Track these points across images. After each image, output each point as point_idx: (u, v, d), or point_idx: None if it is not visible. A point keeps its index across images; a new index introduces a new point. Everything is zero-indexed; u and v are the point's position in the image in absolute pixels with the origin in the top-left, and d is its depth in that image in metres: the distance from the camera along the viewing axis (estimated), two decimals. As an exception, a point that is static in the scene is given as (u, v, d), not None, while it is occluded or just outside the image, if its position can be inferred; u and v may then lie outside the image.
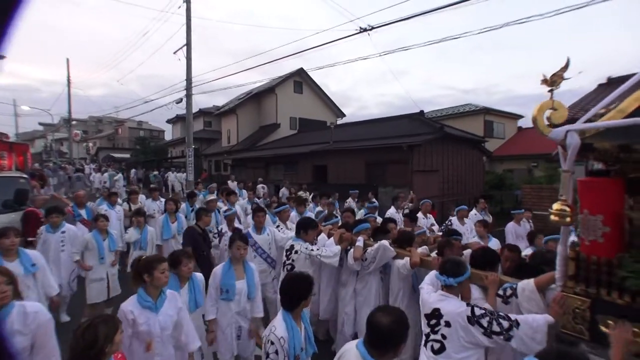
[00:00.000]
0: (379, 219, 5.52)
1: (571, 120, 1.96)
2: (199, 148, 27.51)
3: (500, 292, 2.38)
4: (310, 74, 25.43)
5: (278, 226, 4.81)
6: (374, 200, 8.43)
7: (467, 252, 3.32)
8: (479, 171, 16.69)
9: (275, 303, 3.59)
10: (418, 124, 14.95)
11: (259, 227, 4.42)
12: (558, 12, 8.77)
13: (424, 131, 13.72)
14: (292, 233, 4.13)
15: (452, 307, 2.14)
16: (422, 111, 16.59)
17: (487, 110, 21.97)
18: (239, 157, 22.69)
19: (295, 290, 2.25)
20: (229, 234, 4.55)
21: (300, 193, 9.61)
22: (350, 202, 8.83)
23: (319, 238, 4.01)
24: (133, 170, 24.72)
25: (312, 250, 3.58)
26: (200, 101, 43.37)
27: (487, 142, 18.40)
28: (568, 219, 1.90)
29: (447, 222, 6.02)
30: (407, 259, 3.14)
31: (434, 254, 3.23)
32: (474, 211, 6.90)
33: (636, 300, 1.74)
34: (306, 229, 3.72)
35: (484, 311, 2.07)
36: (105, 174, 18.59)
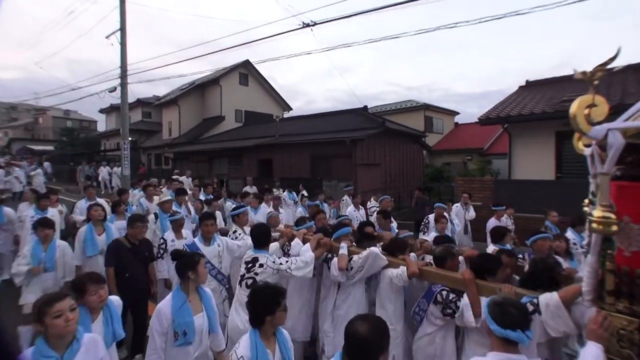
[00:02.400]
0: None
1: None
2: (136, 140, 25.09)
3: None
4: (257, 66, 24.50)
5: (235, 231, 4.03)
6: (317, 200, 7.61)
7: (461, 258, 3.08)
8: (419, 164, 17.38)
9: (226, 329, 2.96)
10: (362, 119, 15.10)
11: (208, 238, 3.60)
12: (481, 20, 9.47)
13: (368, 126, 13.96)
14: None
15: None
16: (365, 106, 16.76)
17: (427, 107, 23.06)
18: (181, 150, 21.03)
19: (258, 304, 1.90)
20: (177, 245, 3.79)
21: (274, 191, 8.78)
22: (347, 201, 7.97)
23: (292, 244, 3.45)
24: (46, 164, 21.71)
25: (281, 264, 2.98)
26: (139, 90, 39.52)
27: (427, 137, 19.18)
28: (614, 227, 1.65)
29: (424, 221, 5.77)
30: (402, 268, 2.73)
31: (427, 260, 2.94)
32: (457, 206, 6.78)
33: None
34: (266, 239, 3.15)
35: None
36: (19, 171, 14.54)
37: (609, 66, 1.70)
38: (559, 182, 9.15)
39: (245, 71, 23.99)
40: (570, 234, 4.45)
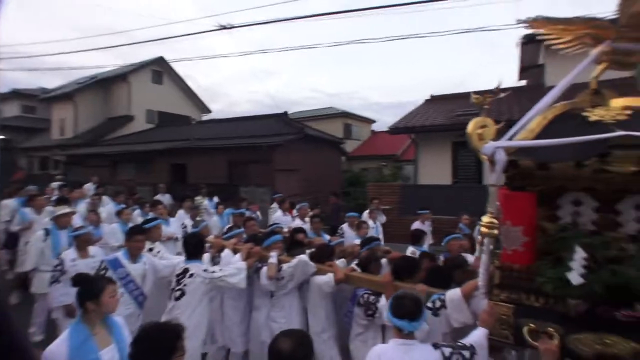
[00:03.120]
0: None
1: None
2: (11, 139, 21.33)
3: (430, 304, 2.34)
4: (174, 64, 22.85)
5: (151, 249, 3.60)
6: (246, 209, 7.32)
7: (384, 261, 3.30)
8: (337, 170, 18.16)
9: None
10: (282, 124, 15.15)
11: (135, 255, 3.25)
12: (389, 38, 10.80)
13: (287, 131, 14.10)
14: (178, 258, 3.32)
15: (424, 355, 1.88)
16: (285, 112, 16.81)
17: (346, 115, 24.21)
18: (76, 153, 18.49)
19: (149, 348, 1.62)
20: (80, 266, 3.32)
21: (198, 199, 8.10)
22: (275, 208, 7.69)
23: (222, 255, 3.35)
24: None
25: (213, 272, 2.91)
26: (19, 79, 33.54)
27: (345, 143, 20.12)
28: (496, 231, 1.98)
29: (339, 230, 5.93)
30: (330, 275, 2.83)
31: (353, 265, 3.09)
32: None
33: (550, 302, 1.91)
34: (199, 249, 3.07)
35: (450, 349, 1.90)
36: None
37: (502, 88, 2.03)
38: (455, 187, 10.39)
39: (159, 68, 22.17)
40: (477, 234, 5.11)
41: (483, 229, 1.96)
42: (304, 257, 2.97)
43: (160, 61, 21.72)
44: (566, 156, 1.80)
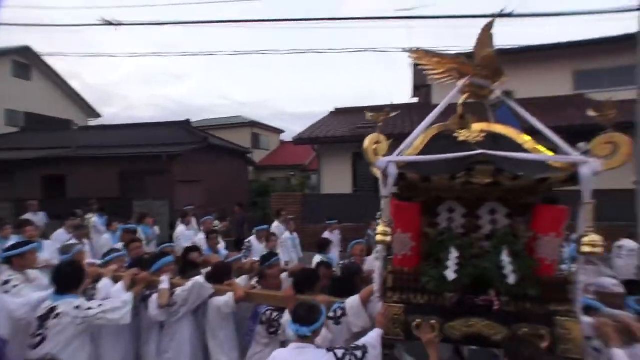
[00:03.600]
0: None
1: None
2: None
3: (331, 314, 2.43)
4: (49, 58, 19.50)
5: (6, 282, 2.81)
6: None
7: (284, 276, 3.32)
8: (245, 180, 17.86)
9: None
10: (184, 133, 14.31)
11: None
12: (290, 51, 11.40)
13: (189, 140, 13.42)
14: (40, 293, 2.66)
15: (317, 356, 1.98)
16: (188, 120, 15.78)
17: (254, 124, 24.03)
18: None
19: None
20: None
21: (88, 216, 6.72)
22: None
23: (99, 286, 2.83)
24: None
25: (89, 309, 2.42)
26: None
27: (253, 153, 19.93)
28: (389, 238, 2.21)
29: (246, 241, 5.83)
30: (229, 294, 2.70)
31: (254, 282, 3.05)
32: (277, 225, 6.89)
33: (432, 298, 2.21)
34: (73, 280, 2.55)
35: (343, 350, 2.01)
36: None
37: (395, 105, 2.29)
38: (355, 196, 11.08)
39: (25, 60, 18.64)
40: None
41: (378, 237, 2.16)
42: (199, 279, 2.77)
43: (26, 51, 18.10)
44: (442, 170, 2.12)
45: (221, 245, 5.14)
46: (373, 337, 2.12)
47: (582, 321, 2.02)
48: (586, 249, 1.93)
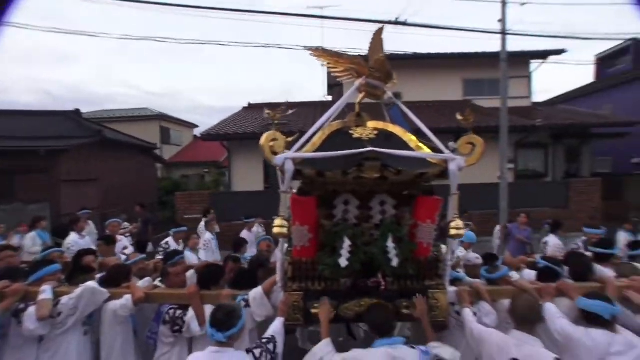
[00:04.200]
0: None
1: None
2: None
3: None
4: None
5: None
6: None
7: (190, 273, 3.22)
8: (152, 178, 16.58)
9: None
10: (72, 125, 12.54)
11: None
12: (188, 41, 10.77)
13: (80, 134, 11.85)
14: None
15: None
16: (77, 110, 13.79)
17: (163, 117, 22.23)
18: None
19: None
20: None
21: None
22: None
23: None
24: None
25: None
26: None
27: (161, 149, 18.59)
28: (286, 231, 2.31)
29: (163, 243, 5.37)
30: (127, 297, 2.53)
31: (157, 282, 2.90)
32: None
33: (329, 284, 2.39)
34: None
35: (259, 349, 2.04)
36: None
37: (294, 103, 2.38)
38: (266, 193, 10.95)
39: None
40: None
41: (276, 230, 2.25)
42: (90, 284, 2.52)
43: None
44: (335, 166, 2.29)
45: (128, 249, 4.77)
46: (277, 326, 2.23)
47: (448, 291, 2.40)
48: (453, 232, 2.29)
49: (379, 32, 2.60)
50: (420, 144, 2.49)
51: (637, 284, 2.52)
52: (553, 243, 5.14)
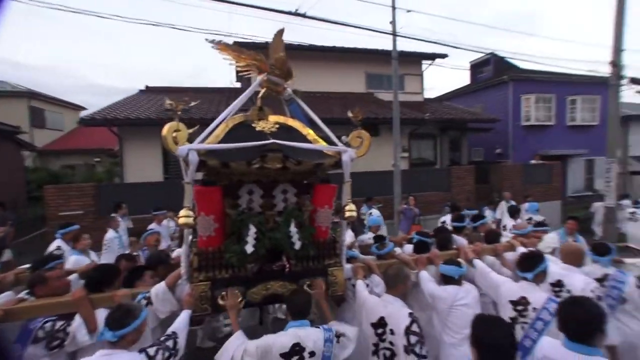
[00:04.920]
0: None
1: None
2: None
3: None
4: None
5: None
6: None
7: (74, 278, 2.98)
8: (16, 169, 14.14)
9: None
10: None
11: None
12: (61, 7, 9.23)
13: None
14: None
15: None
16: None
17: (33, 95, 18.70)
18: None
19: None
20: None
21: None
22: None
23: None
24: None
25: None
26: None
27: (31, 133, 15.92)
28: (192, 221, 2.36)
29: (54, 249, 4.61)
30: None
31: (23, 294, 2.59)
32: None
33: (236, 271, 2.52)
34: None
35: (154, 347, 2.01)
36: None
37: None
38: (167, 183, 10.39)
39: None
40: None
41: (181, 221, 2.29)
42: None
43: None
44: (240, 157, 2.41)
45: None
46: (181, 321, 2.28)
47: (345, 268, 2.75)
48: (347, 214, 2.62)
49: (280, 32, 2.78)
50: (317, 137, 2.76)
51: (478, 248, 3.32)
52: (449, 222, 6.12)
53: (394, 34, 8.60)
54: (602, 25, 8.83)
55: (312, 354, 2.14)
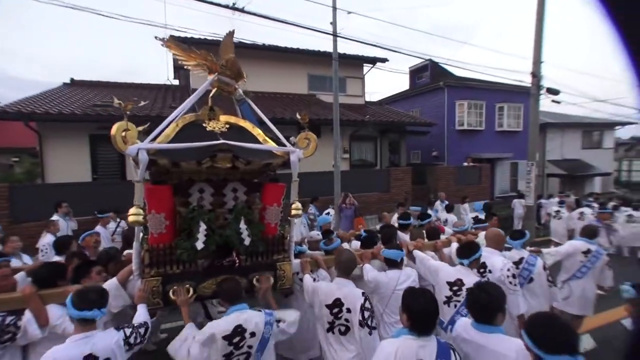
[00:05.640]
0: None
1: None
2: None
3: None
4: None
5: None
6: None
7: (20, 276, 2.91)
8: None
9: None
10: None
11: None
12: None
13: None
14: None
15: (106, 339, 2.10)
16: None
17: None
18: None
19: None
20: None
21: None
22: None
23: None
24: None
25: None
26: None
27: None
28: (142, 219, 2.48)
29: None
30: None
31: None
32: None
33: (186, 267, 2.68)
34: None
35: (130, 328, 2.20)
36: None
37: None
38: (95, 183, 9.97)
39: None
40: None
41: (131, 219, 2.40)
42: None
43: None
44: (190, 157, 2.58)
45: None
46: (142, 314, 2.44)
47: (293, 262, 3.03)
48: (293, 212, 2.91)
49: (231, 34, 2.99)
50: (267, 138, 3.01)
51: (419, 244, 3.78)
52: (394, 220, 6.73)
53: (335, 34, 9.02)
54: (528, 39, 10.18)
55: (252, 334, 2.37)
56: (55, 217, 6.27)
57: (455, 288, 3.06)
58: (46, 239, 5.20)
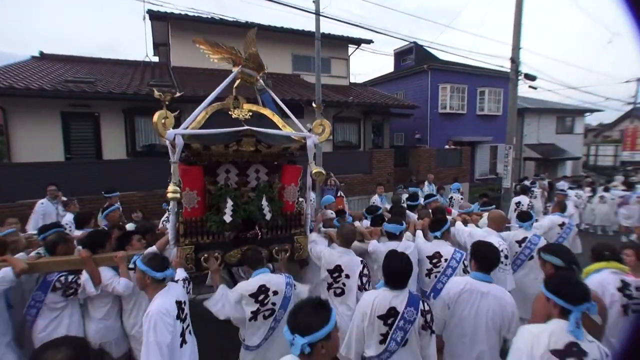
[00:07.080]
0: None
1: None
2: None
3: (132, 265, 3.02)
4: None
5: None
6: None
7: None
8: None
9: None
10: None
11: None
12: None
13: None
14: None
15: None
16: None
17: None
18: None
19: None
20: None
21: None
22: None
23: None
24: None
25: None
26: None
27: None
28: (179, 195, 2.94)
29: None
30: (5, 269, 2.73)
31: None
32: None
33: (215, 238, 3.19)
34: None
35: (185, 280, 2.74)
36: None
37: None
38: (69, 163, 9.85)
39: None
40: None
41: (170, 195, 2.85)
42: None
43: None
44: (218, 141, 3.04)
45: None
46: (181, 272, 2.97)
47: (309, 236, 3.58)
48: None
49: (253, 32, 3.44)
50: (285, 124, 3.50)
51: (425, 222, 4.27)
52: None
53: (317, 13, 9.29)
54: (509, 25, 10.84)
55: (275, 292, 2.88)
56: (42, 201, 6.37)
57: (434, 261, 3.58)
58: (67, 217, 5.59)
